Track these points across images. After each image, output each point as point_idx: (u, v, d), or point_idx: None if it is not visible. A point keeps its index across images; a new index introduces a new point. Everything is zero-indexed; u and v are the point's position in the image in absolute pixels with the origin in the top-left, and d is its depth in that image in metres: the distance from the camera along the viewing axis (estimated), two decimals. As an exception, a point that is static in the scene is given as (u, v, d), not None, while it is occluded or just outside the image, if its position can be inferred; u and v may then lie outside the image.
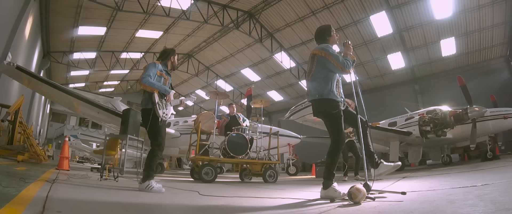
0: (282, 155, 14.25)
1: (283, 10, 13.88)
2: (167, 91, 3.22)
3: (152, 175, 3.01)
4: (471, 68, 14.97)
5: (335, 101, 2.63)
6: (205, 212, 1.93)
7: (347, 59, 2.64)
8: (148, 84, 3.09)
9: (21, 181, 2.55)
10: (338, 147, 2.60)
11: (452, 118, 7.98)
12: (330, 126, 2.68)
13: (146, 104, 3.15)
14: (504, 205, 1.52)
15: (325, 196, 2.47)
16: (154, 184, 2.91)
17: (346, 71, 2.62)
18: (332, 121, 2.64)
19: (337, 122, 2.62)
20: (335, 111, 2.60)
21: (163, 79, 3.26)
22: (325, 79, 2.66)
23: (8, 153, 6.74)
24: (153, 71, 3.17)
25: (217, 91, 6.60)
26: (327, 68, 2.67)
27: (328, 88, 2.64)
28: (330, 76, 2.67)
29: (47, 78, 8.93)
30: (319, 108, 2.74)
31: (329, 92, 2.63)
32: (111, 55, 17.17)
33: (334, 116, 2.61)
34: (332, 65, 2.62)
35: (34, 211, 1.41)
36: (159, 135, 3.13)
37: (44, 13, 11.75)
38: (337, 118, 2.61)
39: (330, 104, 2.63)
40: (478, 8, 11.62)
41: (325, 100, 2.65)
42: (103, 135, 16.92)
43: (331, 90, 2.63)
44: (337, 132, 2.61)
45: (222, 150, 5.63)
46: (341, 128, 2.62)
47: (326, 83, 2.65)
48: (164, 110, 3.18)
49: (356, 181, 5.31)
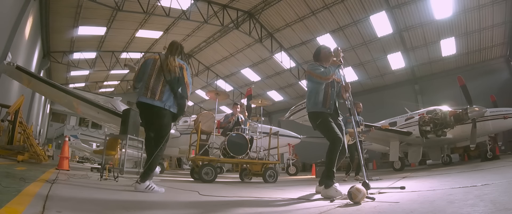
0: (282, 155, 14.26)
1: (283, 10, 13.88)
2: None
3: (151, 175, 2.93)
4: (471, 68, 14.98)
5: (318, 113, 2.91)
6: (205, 212, 1.93)
7: (328, 68, 2.91)
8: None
9: (21, 181, 2.54)
10: (335, 146, 2.74)
11: (452, 118, 7.99)
12: (322, 134, 2.93)
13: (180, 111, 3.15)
14: (504, 205, 1.52)
15: (326, 196, 2.52)
16: (153, 184, 2.84)
17: (324, 78, 2.87)
18: (321, 129, 2.91)
19: (325, 127, 2.85)
20: (318, 121, 2.88)
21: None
22: (311, 94, 2.98)
23: (8, 153, 6.74)
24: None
25: (217, 91, 6.56)
26: (313, 82, 2.99)
27: (312, 102, 2.96)
28: (316, 90, 2.95)
29: (47, 78, 8.93)
30: (310, 121, 3.05)
31: (314, 106, 2.95)
32: (111, 55, 17.18)
33: (319, 126, 2.90)
34: (314, 78, 2.94)
35: (34, 211, 1.41)
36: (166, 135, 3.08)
37: (44, 13, 11.76)
38: (324, 124, 2.85)
39: (314, 117, 2.94)
40: (478, 8, 11.63)
41: (310, 114, 3.00)
42: (103, 135, 16.94)
43: (316, 103, 2.93)
44: (329, 133, 2.81)
45: (222, 150, 5.62)
46: (331, 129, 2.80)
47: (312, 98, 2.96)
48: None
49: (356, 181, 5.32)
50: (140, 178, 2.82)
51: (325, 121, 2.84)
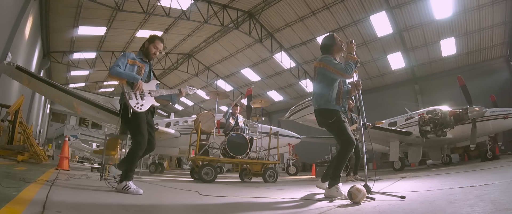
0: (282, 155, 14.26)
1: (283, 10, 13.87)
2: (136, 79, 2.80)
3: (131, 176, 2.72)
4: (471, 68, 14.97)
5: (333, 111, 2.67)
6: (205, 212, 1.93)
7: (348, 64, 2.64)
8: (115, 74, 2.73)
9: (21, 181, 2.54)
10: (348, 148, 2.61)
11: (452, 118, 7.98)
12: (333, 134, 2.74)
13: (121, 98, 2.83)
14: (504, 205, 1.52)
15: (328, 195, 2.55)
16: (131, 185, 2.65)
17: (347, 76, 2.63)
18: (333, 128, 2.70)
19: (339, 127, 2.66)
20: (332, 120, 2.65)
21: (136, 68, 2.89)
22: (324, 90, 2.72)
23: (8, 153, 6.75)
24: (122, 61, 2.82)
25: (217, 91, 6.56)
26: (328, 77, 2.71)
27: (325, 98, 2.70)
28: (330, 86, 2.71)
29: (47, 78, 8.93)
30: (319, 118, 2.81)
31: (327, 103, 2.69)
32: (111, 55, 17.18)
33: (333, 125, 2.68)
34: (332, 73, 2.66)
35: (34, 211, 1.41)
36: (137, 131, 2.73)
37: (44, 13, 11.76)
38: (338, 124, 2.65)
39: (327, 115, 2.69)
40: (478, 8, 11.62)
41: (322, 111, 2.73)
42: (103, 135, 16.91)
43: (329, 100, 2.68)
44: (343, 134, 2.64)
45: (222, 150, 5.62)
46: (345, 130, 2.63)
47: (325, 93, 2.70)
48: (138, 100, 2.78)
49: (356, 181, 5.31)
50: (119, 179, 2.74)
51: (339, 120, 2.64)
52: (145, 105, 2.82)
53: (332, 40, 2.86)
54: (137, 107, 2.74)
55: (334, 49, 2.84)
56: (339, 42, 2.83)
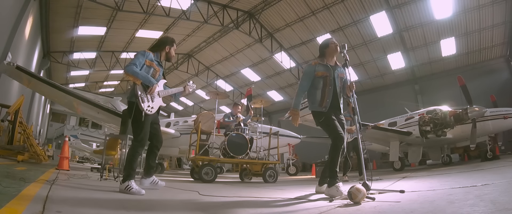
0: (282, 155, 14.26)
1: (283, 10, 13.88)
2: (151, 83, 2.86)
3: (133, 174, 2.73)
4: (471, 68, 14.98)
5: (318, 113, 2.93)
6: (205, 212, 1.93)
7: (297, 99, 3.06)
8: (131, 73, 2.76)
9: (21, 181, 2.55)
10: (337, 145, 2.75)
11: (452, 118, 7.98)
12: (325, 131, 2.95)
13: (131, 96, 2.89)
14: (504, 205, 1.52)
15: (328, 194, 2.59)
16: (133, 185, 2.65)
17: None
18: (323, 127, 2.94)
19: (326, 125, 2.86)
20: (321, 120, 2.89)
21: (152, 70, 2.94)
22: (310, 93, 3.02)
23: (8, 153, 6.75)
24: (140, 60, 2.85)
25: (217, 91, 6.56)
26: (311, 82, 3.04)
27: (311, 101, 3.00)
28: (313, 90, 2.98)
29: (47, 78, 8.93)
30: (313, 118, 3.05)
31: (312, 105, 2.99)
32: (111, 55, 17.19)
33: (322, 124, 2.92)
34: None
35: (34, 211, 1.41)
36: (141, 131, 2.84)
37: (44, 13, 11.76)
38: (325, 123, 2.87)
39: (315, 116, 2.98)
40: (478, 8, 11.63)
41: (313, 113, 3.02)
42: (103, 135, 16.91)
43: (314, 102, 2.96)
44: (330, 131, 2.82)
45: (222, 150, 5.62)
46: (333, 128, 2.80)
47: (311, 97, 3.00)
48: (149, 102, 2.87)
49: (352, 182, 5.30)
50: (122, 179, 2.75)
51: (326, 119, 2.85)
52: (155, 107, 2.95)
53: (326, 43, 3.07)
54: (148, 110, 2.87)
55: (326, 52, 3.02)
56: (332, 44, 3.00)
